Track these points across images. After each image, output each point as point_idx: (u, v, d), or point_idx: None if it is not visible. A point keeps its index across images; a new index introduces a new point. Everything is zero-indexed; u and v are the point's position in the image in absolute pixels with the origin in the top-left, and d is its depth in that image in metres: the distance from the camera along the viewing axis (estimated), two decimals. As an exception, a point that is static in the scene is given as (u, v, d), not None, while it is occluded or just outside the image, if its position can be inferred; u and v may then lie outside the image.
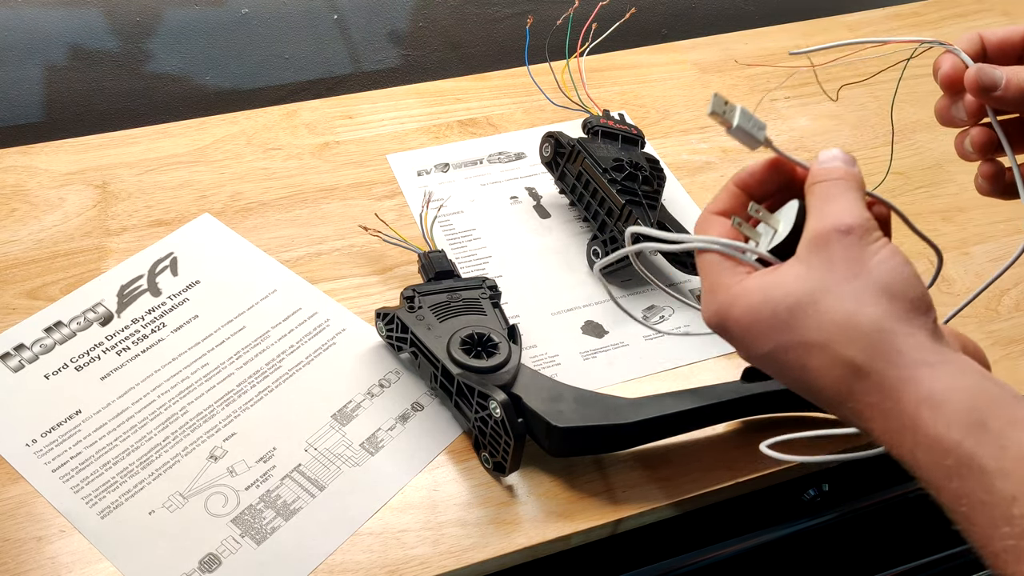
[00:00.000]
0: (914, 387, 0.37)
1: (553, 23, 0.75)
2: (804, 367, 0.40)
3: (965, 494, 0.35)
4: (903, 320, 0.38)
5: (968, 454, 0.35)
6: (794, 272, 0.41)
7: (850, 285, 0.39)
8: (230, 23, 0.91)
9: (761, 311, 0.41)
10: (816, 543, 0.70)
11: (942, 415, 0.36)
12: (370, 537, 0.56)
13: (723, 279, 0.43)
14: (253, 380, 0.64)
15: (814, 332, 0.39)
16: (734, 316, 0.42)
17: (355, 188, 0.79)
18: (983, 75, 0.46)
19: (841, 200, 0.41)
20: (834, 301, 0.39)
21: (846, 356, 0.38)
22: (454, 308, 0.63)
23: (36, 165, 0.79)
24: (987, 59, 0.49)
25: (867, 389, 0.38)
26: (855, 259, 0.39)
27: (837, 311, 0.39)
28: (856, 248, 0.39)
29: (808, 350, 0.39)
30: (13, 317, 0.67)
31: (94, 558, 0.55)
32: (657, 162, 0.75)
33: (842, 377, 0.39)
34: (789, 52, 0.52)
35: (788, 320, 0.40)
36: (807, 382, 0.40)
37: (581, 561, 0.62)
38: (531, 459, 0.60)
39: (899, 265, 0.39)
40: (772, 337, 0.40)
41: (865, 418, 0.38)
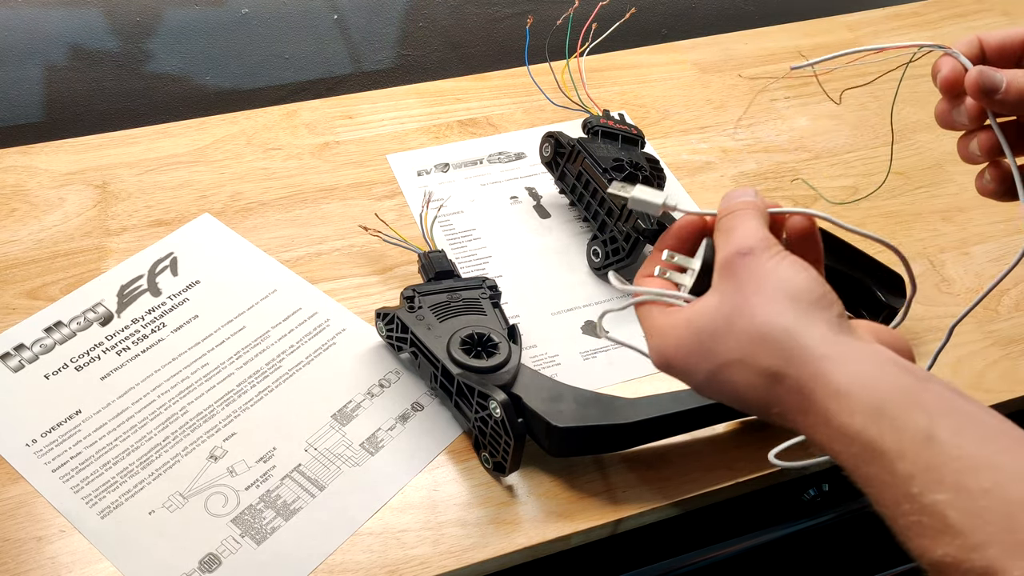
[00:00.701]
0: (823, 382, 0.39)
1: (553, 23, 0.75)
2: (733, 385, 0.42)
3: (872, 476, 0.37)
4: (805, 318, 0.40)
5: (870, 439, 0.37)
6: (711, 301, 0.44)
7: (755, 298, 0.41)
8: (230, 23, 0.91)
9: (690, 343, 0.44)
10: (816, 543, 0.70)
11: (846, 405, 0.38)
12: (370, 537, 0.56)
13: (658, 321, 0.46)
14: (253, 380, 0.64)
15: (733, 351, 0.42)
16: (670, 353, 0.45)
17: (355, 188, 0.79)
18: (984, 78, 0.46)
19: (741, 228, 0.44)
20: (745, 318, 0.42)
21: (762, 365, 0.41)
22: (454, 308, 0.63)
23: (36, 165, 0.79)
24: (986, 62, 0.49)
25: (786, 391, 0.40)
26: (757, 275, 0.42)
27: (748, 326, 0.41)
28: (756, 265, 0.42)
29: (731, 368, 0.42)
30: (13, 317, 0.67)
31: (94, 558, 0.55)
32: (657, 162, 0.75)
33: (764, 385, 0.41)
34: (790, 67, 0.52)
35: (711, 346, 0.43)
36: (740, 398, 0.43)
37: (581, 561, 0.62)
38: (531, 459, 0.60)
39: (797, 271, 0.42)
40: (703, 364, 0.43)
41: (790, 420, 0.41)
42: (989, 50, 0.49)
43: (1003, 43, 0.49)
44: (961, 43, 0.49)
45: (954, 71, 0.48)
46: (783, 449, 0.54)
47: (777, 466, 0.52)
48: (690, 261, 0.48)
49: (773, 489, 0.63)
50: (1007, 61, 0.49)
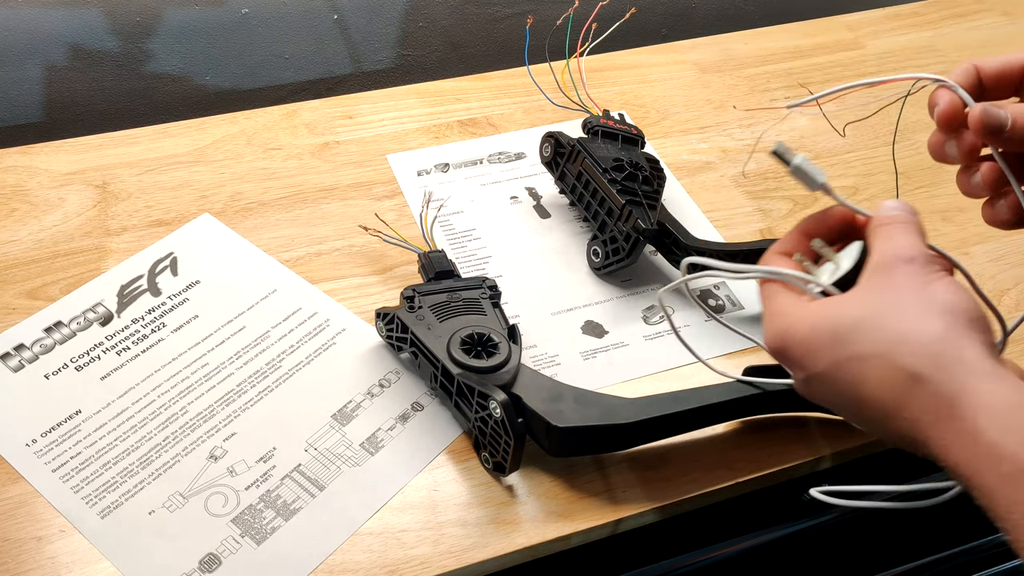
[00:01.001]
0: (973, 396, 0.37)
1: (553, 23, 0.75)
2: (862, 380, 0.41)
3: (1018, 501, 0.35)
4: (963, 334, 0.39)
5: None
6: (856, 296, 0.42)
7: (912, 304, 0.40)
8: (230, 23, 0.91)
9: (821, 329, 0.42)
10: (816, 543, 0.70)
11: (999, 424, 0.36)
12: (370, 537, 0.56)
13: (785, 305, 0.45)
14: (253, 380, 0.64)
15: (872, 345, 0.40)
16: (794, 337, 0.43)
17: (355, 188, 0.79)
18: (988, 117, 0.45)
19: (904, 237, 0.43)
20: (896, 317, 0.40)
21: (905, 365, 0.39)
22: (454, 308, 0.63)
23: (36, 165, 0.79)
24: (984, 91, 0.48)
25: (925, 396, 0.39)
26: (917, 284, 0.41)
27: (898, 325, 0.40)
28: (918, 275, 0.41)
29: (867, 361, 0.40)
30: (13, 317, 0.67)
31: (94, 558, 0.55)
32: (657, 162, 0.75)
33: (900, 385, 0.39)
34: (786, 106, 0.52)
35: (847, 336, 0.41)
36: (863, 395, 0.41)
37: (581, 561, 0.62)
38: (531, 459, 0.60)
39: (959, 291, 0.41)
40: (829, 354, 0.42)
41: (922, 427, 0.39)
42: (987, 79, 0.48)
43: (1001, 71, 0.48)
44: (957, 72, 0.48)
45: (952, 106, 0.47)
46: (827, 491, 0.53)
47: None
48: (836, 257, 0.47)
49: (773, 489, 0.63)
50: (1006, 89, 0.48)
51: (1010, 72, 0.48)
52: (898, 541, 0.72)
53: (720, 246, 0.69)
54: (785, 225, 0.78)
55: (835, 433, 0.62)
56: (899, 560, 0.71)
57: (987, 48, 1.00)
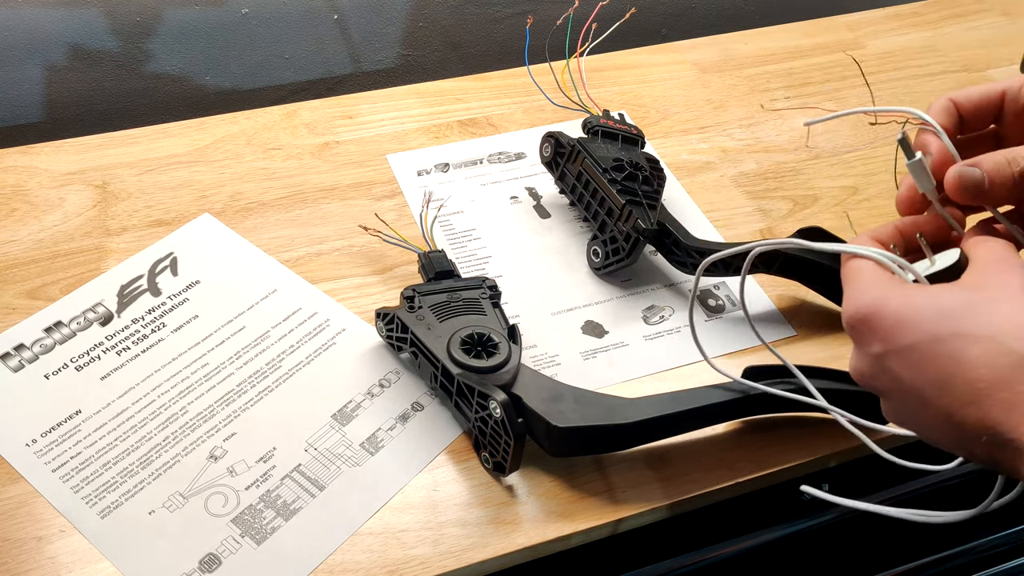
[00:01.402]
0: None
1: (553, 23, 0.75)
2: (959, 358, 0.39)
3: None
4: None
5: None
6: (967, 281, 0.42)
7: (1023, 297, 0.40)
8: (230, 23, 0.91)
9: (922, 305, 0.41)
10: (816, 543, 0.70)
11: None
12: (370, 537, 0.56)
13: (881, 279, 0.43)
14: (253, 380, 0.64)
15: (982, 327, 0.39)
16: (889, 305, 0.42)
17: (355, 188, 0.79)
18: (964, 180, 0.44)
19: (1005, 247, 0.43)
20: (1011, 305, 0.39)
21: (1019, 348, 0.38)
22: (454, 308, 0.63)
23: (36, 165, 0.79)
24: (964, 124, 0.48)
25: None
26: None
27: (1013, 313, 0.39)
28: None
29: (973, 341, 0.39)
30: (13, 317, 0.67)
31: (94, 558, 0.55)
32: (657, 162, 0.75)
33: (1007, 366, 0.38)
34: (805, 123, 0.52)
35: (952, 313, 0.40)
36: (952, 373, 0.40)
37: (581, 561, 0.62)
38: (531, 459, 0.60)
39: None
40: (928, 327, 0.40)
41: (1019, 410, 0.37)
42: (966, 112, 0.48)
43: (981, 103, 0.47)
44: (935, 109, 0.47)
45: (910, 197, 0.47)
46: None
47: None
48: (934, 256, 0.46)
49: (773, 489, 0.63)
50: (984, 120, 0.48)
51: (989, 102, 0.48)
52: (898, 541, 0.72)
53: (720, 246, 0.69)
54: (785, 225, 0.78)
55: (835, 433, 0.62)
56: (899, 560, 0.71)
57: (987, 48, 1.00)
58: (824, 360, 0.66)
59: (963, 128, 0.49)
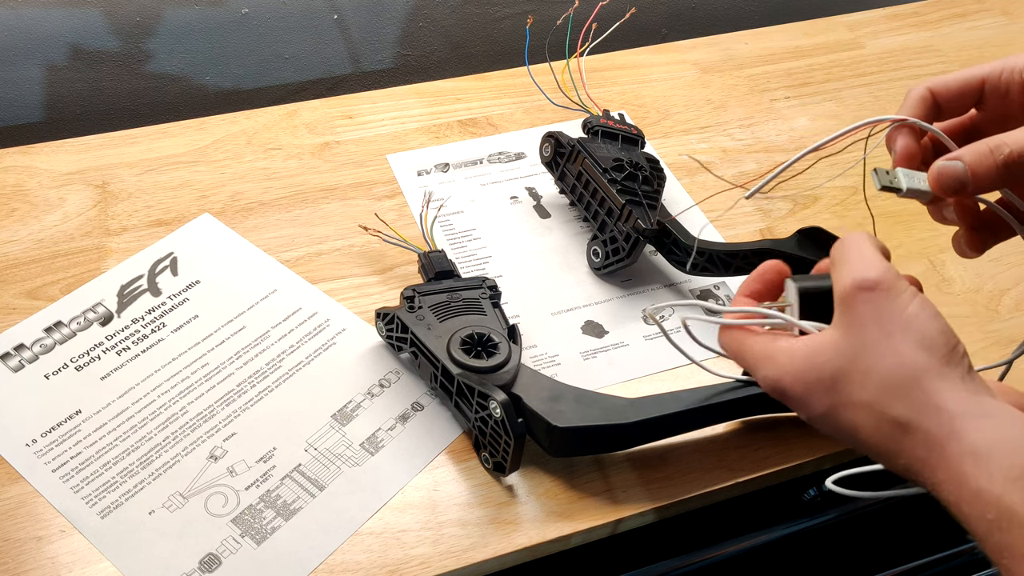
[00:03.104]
0: (957, 441, 0.37)
1: (553, 23, 0.75)
2: (855, 427, 0.41)
3: (1007, 546, 0.35)
4: (941, 374, 0.39)
5: (1008, 507, 0.35)
6: (831, 337, 0.42)
7: (886, 343, 0.40)
8: (230, 23, 0.91)
9: (808, 377, 0.42)
10: (816, 543, 0.70)
11: (984, 468, 0.36)
12: (370, 537, 0.56)
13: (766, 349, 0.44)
14: (253, 380, 0.64)
15: (858, 393, 0.40)
16: (786, 383, 0.43)
17: (355, 188, 0.79)
18: (944, 177, 0.44)
19: (857, 255, 0.42)
20: (873, 361, 0.40)
21: (891, 415, 0.39)
22: (454, 308, 0.63)
23: (36, 165, 0.79)
24: (941, 113, 0.47)
25: (914, 444, 0.39)
26: (884, 317, 0.40)
27: (877, 371, 0.39)
28: (882, 304, 0.40)
29: (855, 410, 0.40)
30: (13, 317, 0.67)
31: (94, 558, 0.55)
32: (657, 162, 0.75)
33: (890, 434, 0.39)
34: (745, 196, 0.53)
35: (833, 385, 0.41)
36: (860, 440, 0.41)
37: (581, 561, 0.62)
38: (531, 459, 0.60)
39: (930, 318, 0.40)
40: (823, 400, 0.41)
41: (915, 471, 0.39)
42: (944, 100, 0.47)
43: (961, 89, 0.47)
44: (910, 99, 0.47)
45: (904, 149, 0.47)
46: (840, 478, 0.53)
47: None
48: (786, 300, 0.47)
49: (773, 489, 0.63)
50: (964, 107, 0.47)
51: (969, 89, 0.47)
52: (898, 541, 0.72)
53: (720, 246, 0.69)
54: (785, 225, 0.78)
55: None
56: (899, 560, 0.71)
57: (987, 48, 1.00)
58: (824, 360, 0.66)
59: (940, 116, 0.48)
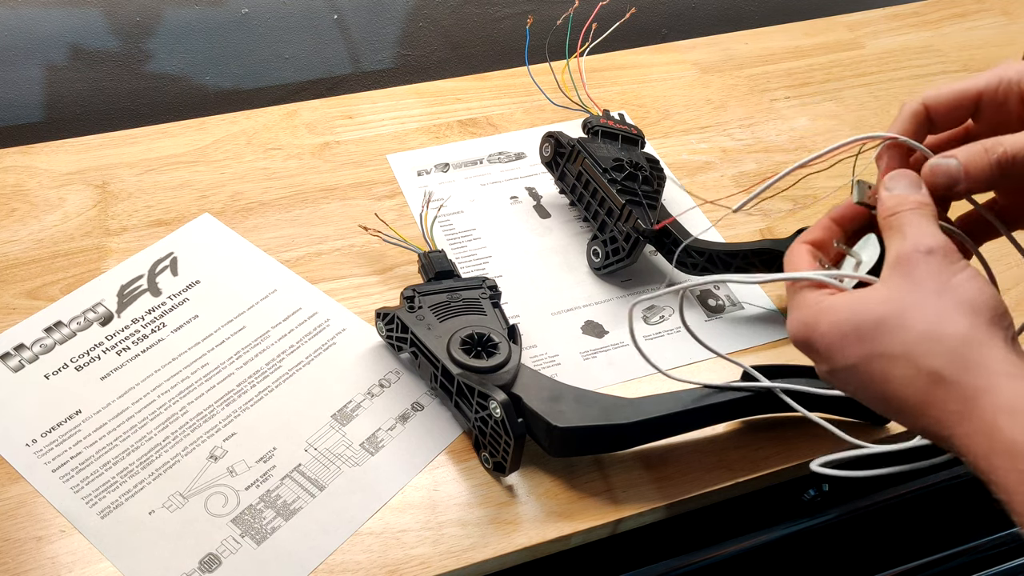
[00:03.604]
0: (994, 396, 0.38)
1: (553, 23, 0.75)
2: (887, 378, 0.41)
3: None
4: (985, 333, 0.40)
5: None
6: (879, 292, 0.42)
7: (934, 301, 0.40)
8: (230, 23, 0.91)
9: (846, 325, 0.42)
10: (816, 543, 0.70)
11: (1019, 422, 0.37)
12: (370, 537, 0.56)
13: (809, 297, 0.45)
14: (253, 380, 0.64)
15: (898, 344, 0.40)
16: (820, 330, 0.43)
17: (355, 188, 0.79)
18: (937, 174, 0.44)
19: (918, 226, 0.43)
20: (919, 315, 0.40)
21: (929, 366, 0.39)
22: (454, 308, 0.63)
23: (36, 165, 0.79)
24: (935, 126, 0.47)
25: (949, 397, 0.39)
26: (938, 278, 0.41)
27: (921, 324, 0.40)
28: (939, 267, 0.41)
29: (892, 361, 0.41)
30: (13, 317, 0.67)
31: (94, 558, 0.55)
32: (657, 162, 0.75)
33: (925, 386, 0.40)
34: (732, 209, 0.53)
35: (873, 333, 0.41)
36: (888, 393, 0.41)
37: (581, 561, 0.62)
38: (531, 459, 0.60)
39: (981, 285, 0.41)
40: (856, 350, 0.42)
41: (946, 425, 0.39)
42: (938, 113, 0.47)
43: (954, 103, 0.46)
44: (901, 116, 0.47)
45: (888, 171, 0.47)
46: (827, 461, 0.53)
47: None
48: (855, 252, 0.47)
49: (773, 489, 0.63)
50: (958, 120, 0.47)
51: (964, 102, 0.47)
52: (898, 541, 0.72)
53: (720, 246, 0.69)
54: (785, 225, 0.78)
55: (835, 433, 0.62)
56: (899, 560, 0.71)
57: (987, 48, 1.00)
58: (824, 360, 0.66)
59: (935, 128, 0.48)
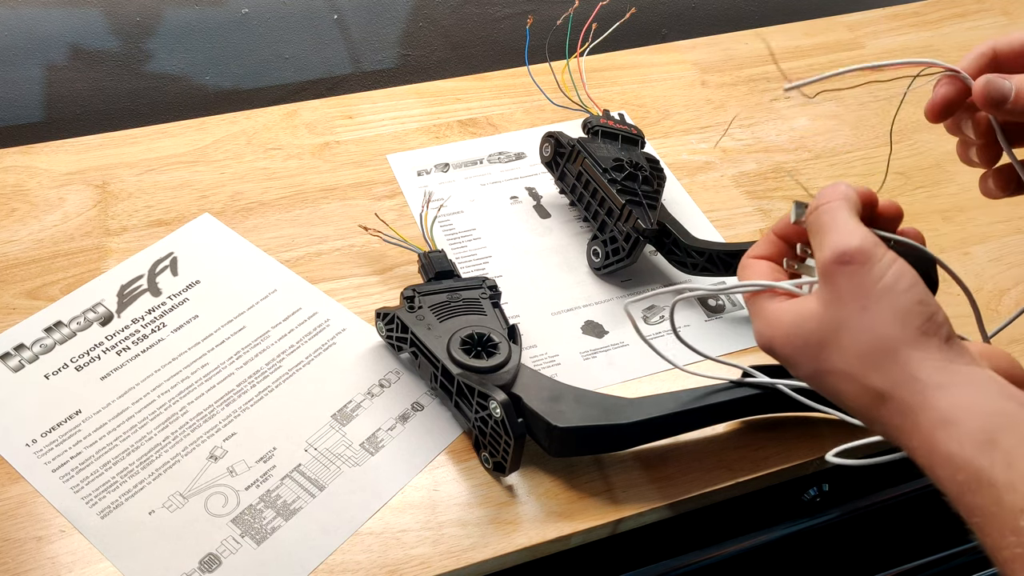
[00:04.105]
0: (930, 410, 0.39)
1: (553, 23, 0.75)
2: (837, 392, 0.43)
3: (977, 507, 0.36)
4: (916, 345, 0.40)
5: (978, 470, 0.36)
6: (815, 309, 0.43)
7: (861, 318, 0.41)
8: (230, 23, 0.91)
9: (796, 339, 0.43)
10: (816, 543, 0.70)
11: (955, 434, 0.37)
12: (370, 537, 0.56)
13: (766, 307, 0.46)
14: (253, 380, 0.64)
15: (839, 363, 0.42)
16: (777, 342, 0.44)
17: (355, 188, 0.79)
18: (992, 88, 0.45)
19: (834, 226, 0.42)
20: (851, 336, 0.41)
21: (869, 385, 0.41)
22: (454, 308, 0.63)
23: (36, 165, 0.79)
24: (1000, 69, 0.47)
25: (891, 412, 0.40)
26: (861, 290, 0.41)
27: (855, 345, 0.41)
28: (859, 276, 0.41)
29: (838, 377, 0.42)
30: (13, 317, 0.67)
31: (94, 558, 0.55)
32: (657, 162, 0.75)
33: (870, 403, 0.41)
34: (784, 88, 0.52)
35: (817, 351, 0.42)
36: (844, 405, 0.43)
37: (581, 561, 0.62)
38: (531, 459, 0.60)
39: (906, 289, 0.40)
40: (810, 364, 0.43)
41: (893, 438, 0.41)
42: (1004, 57, 0.47)
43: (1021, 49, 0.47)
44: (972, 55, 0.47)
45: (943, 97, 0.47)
46: (842, 451, 0.54)
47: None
48: (807, 265, 0.48)
49: (773, 489, 0.63)
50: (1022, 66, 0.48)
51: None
52: (898, 541, 0.72)
53: (720, 246, 0.69)
54: (785, 225, 0.78)
55: (835, 433, 0.62)
56: (899, 560, 0.71)
57: (987, 48, 1.00)
58: (824, 360, 0.66)
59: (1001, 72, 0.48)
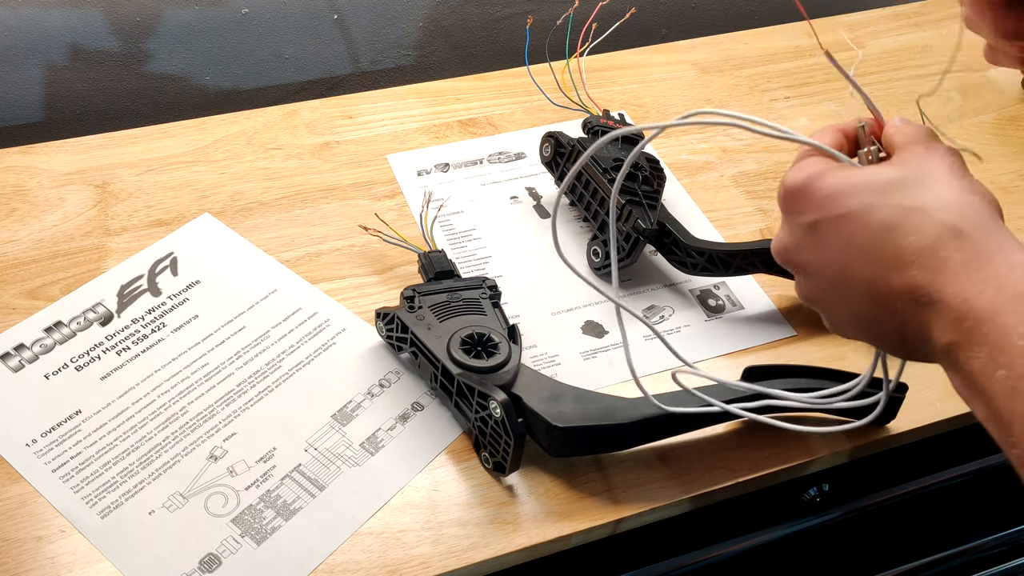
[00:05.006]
0: (1007, 254, 0.39)
1: (553, 23, 0.75)
2: (890, 225, 0.41)
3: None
4: (998, 217, 0.42)
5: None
6: (898, 160, 0.44)
7: (952, 180, 0.42)
8: (230, 23, 0.91)
9: (856, 180, 0.43)
10: (816, 543, 0.70)
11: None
12: (370, 537, 0.56)
13: (820, 160, 0.45)
14: (253, 380, 0.64)
15: (916, 199, 0.41)
16: (827, 180, 0.43)
17: (355, 188, 0.79)
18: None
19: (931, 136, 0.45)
20: (940, 183, 0.42)
21: (947, 220, 0.41)
22: (454, 308, 0.63)
23: (36, 165, 0.79)
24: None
25: (960, 247, 0.40)
26: (955, 168, 0.43)
27: (943, 190, 0.42)
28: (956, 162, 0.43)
29: (904, 210, 0.41)
30: (13, 317, 0.67)
31: (94, 558, 0.55)
32: (657, 162, 0.75)
33: (937, 235, 0.40)
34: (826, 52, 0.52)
35: (885, 187, 0.42)
36: (881, 242, 0.42)
37: (581, 561, 0.62)
38: (531, 459, 0.60)
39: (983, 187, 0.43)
40: (862, 198, 0.42)
41: (942, 277, 0.40)
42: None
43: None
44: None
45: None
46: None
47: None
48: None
49: (773, 489, 0.63)
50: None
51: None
52: (898, 541, 0.72)
53: (720, 246, 0.69)
54: (785, 225, 0.78)
55: (834, 434, 0.62)
56: (899, 560, 0.71)
57: (987, 48, 1.00)
58: (824, 360, 0.66)
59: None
